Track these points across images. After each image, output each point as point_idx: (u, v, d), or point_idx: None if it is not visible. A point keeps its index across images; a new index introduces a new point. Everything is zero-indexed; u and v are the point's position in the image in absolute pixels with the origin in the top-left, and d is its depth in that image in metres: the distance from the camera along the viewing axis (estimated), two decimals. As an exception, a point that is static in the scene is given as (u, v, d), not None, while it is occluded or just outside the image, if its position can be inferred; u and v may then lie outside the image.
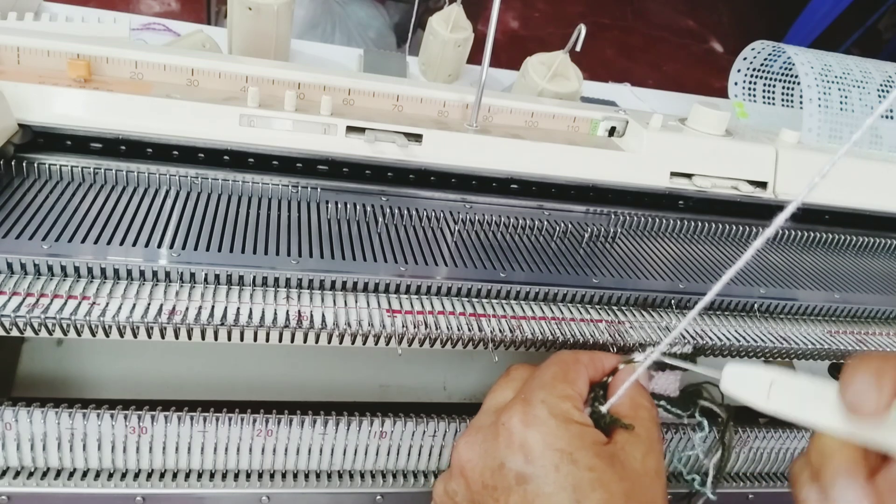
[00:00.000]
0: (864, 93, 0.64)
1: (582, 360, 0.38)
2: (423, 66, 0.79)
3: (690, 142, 0.56)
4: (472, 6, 0.76)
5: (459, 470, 0.36)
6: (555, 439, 0.33)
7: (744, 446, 0.47)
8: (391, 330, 0.38)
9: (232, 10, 0.64)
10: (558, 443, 0.33)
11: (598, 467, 0.32)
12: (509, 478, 0.33)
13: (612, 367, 0.38)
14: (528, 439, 0.33)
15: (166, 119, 0.46)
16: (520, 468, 0.33)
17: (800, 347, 0.45)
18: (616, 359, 0.39)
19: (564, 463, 0.32)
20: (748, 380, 0.32)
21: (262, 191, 0.47)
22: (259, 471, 0.40)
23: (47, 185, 0.43)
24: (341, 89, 0.52)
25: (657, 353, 0.35)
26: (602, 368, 0.38)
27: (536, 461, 0.33)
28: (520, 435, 0.34)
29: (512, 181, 0.53)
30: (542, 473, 0.32)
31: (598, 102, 0.76)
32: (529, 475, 0.33)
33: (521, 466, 0.33)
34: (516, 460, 0.33)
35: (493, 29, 0.49)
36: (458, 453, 0.36)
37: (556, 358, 0.38)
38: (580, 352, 0.39)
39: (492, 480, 0.34)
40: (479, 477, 0.35)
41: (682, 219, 0.55)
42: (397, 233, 0.46)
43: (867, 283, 0.53)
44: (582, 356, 0.38)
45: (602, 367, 0.38)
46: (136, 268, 0.37)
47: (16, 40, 0.47)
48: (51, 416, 0.36)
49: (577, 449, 0.33)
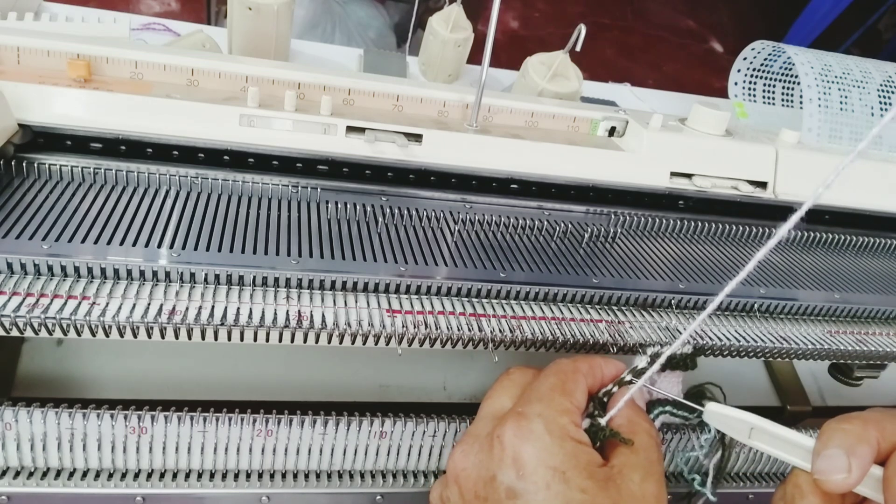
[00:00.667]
0: (864, 93, 0.64)
1: (581, 370, 0.37)
2: (423, 66, 0.79)
3: (690, 142, 0.56)
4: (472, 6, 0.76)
5: (454, 478, 0.36)
6: (548, 456, 0.32)
7: (744, 446, 0.47)
8: (391, 330, 0.38)
9: (232, 10, 0.64)
10: (552, 460, 0.32)
11: (591, 489, 0.32)
12: (500, 491, 0.33)
13: (611, 374, 0.38)
14: (521, 454, 0.33)
15: (166, 119, 0.46)
16: (511, 483, 0.33)
17: (800, 347, 0.45)
18: (615, 365, 0.38)
19: (556, 481, 0.32)
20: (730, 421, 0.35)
21: (262, 191, 0.47)
22: (259, 471, 0.40)
23: (47, 185, 0.43)
24: (341, 89, 0.52)
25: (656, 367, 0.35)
26: (601, 376, 0.38)
27: (528, 477, 0.32)
28: (513, 449, 0.33)
29: (512, 181, 0.53)
30: (532, 490, 0.32)
31: (598, 102, 0.76)
32: (520, 491, 0.32)
33: (512, 481, 0.33)
34: (508, 474, 0.33)
35: (493, 29, 0.49)
36: (453, 461, 0.36)
37: (555, 367, 0.37)
38: (579, 360, 0.38)
39: (483, 492, 0.34)
40: (472, 487, 0.34)
41: (682, 219, 0.55)
42: (397, 233, 0.46)
43: (867, 283, 0.53)
44: (581, 365, 0.37)
45: (601, 374, 0.38)
46: (136, 268, 0.37)
47: (16, 40, 0.47)
48: (51, 416, 0.36)
49: (571, 468, 0.32)
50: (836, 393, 0.67)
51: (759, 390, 0.66)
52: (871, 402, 0.69)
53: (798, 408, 0.64)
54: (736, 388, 0.65)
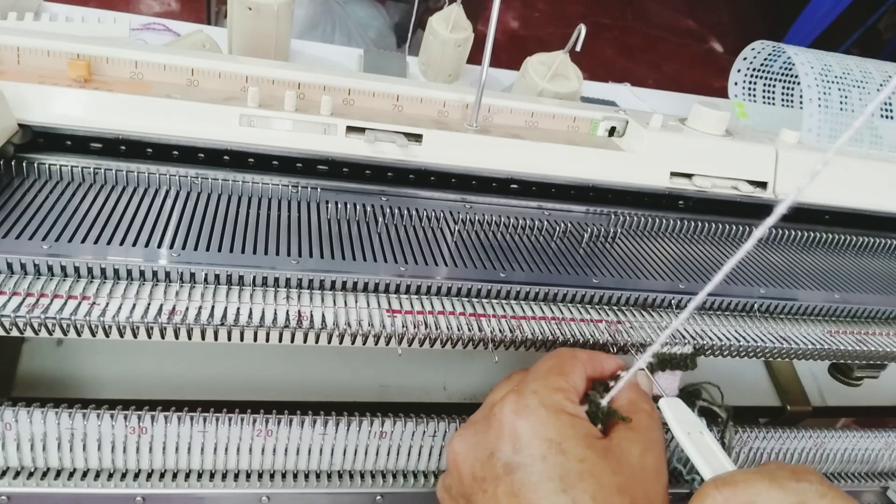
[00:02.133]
0: (864, 93, 0.64)
1: (580, 357, 0.38)
2: (423, 66, 0.79)
3: (690, 142, 0.56)
4: (472, 6, 0.76)
5: (453, 463, 0.36)
6: (543, 428, 0.33)
7: (744, 446, 0.47)
8: (391, 330, 0.38)
9: (232, 10, 0.64)
10: (547, 432, 0.33)
11: (589, 458, 0.32)
12: (497, 467, 0.33)
13: (611, 368, 0.38)
14: (517, 428, 0.33)
15: (166, 119, 0.46)
16: (508, 458, 0.33)
17: (800, 347, 0.45)
18: (615, 360, 0.39)
19: (552, 453, 0.32)
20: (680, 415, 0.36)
21: (262, 191, 0.47)
22: (259, 471, 0.40)
23: (47, 185, 0.43)
24: (341, 89, 0.52)
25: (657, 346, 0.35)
26: (601, 368, 0.38)
27: (524, 450, 0.32)
28: (510, 424, 0.33)
29: (512, 181, 0.53)
30: (528, 462, 0.32)
31: (598, 102, 0.76)
32: (517, 464, 0.32)
33: (509, 456, 0.33)
34: (505, 450, 0.33)
35: (493, 29, 0.49)
36: (452, 447, 0.36)
37: (554, 353, 0.38)
38: (579, 349, 0.39)
39: (481, 471, 0.34)
40: (469, 469, 0.35)
41: (682, 219, 0.55)
42: (397, 233, 0.46)
43: (867, 283, 0.53)
44: (580, 353, 0.38)
45: (601, 366, 0.38)
46: (136, 268, 0.37)
47: (16, 40, 0.47)
48: (51, 416, 0.36)
49: (567, 439, 0.32)
50: (836, 393, 0.67)
51: (759, 390, 0.66)
52: (871, 401, 0.69)
53: (798, 408, 0.64)
54: (736, 388, 0.65)
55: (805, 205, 0.57)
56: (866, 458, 0.52)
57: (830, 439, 0.50)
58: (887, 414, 0.70)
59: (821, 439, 0.50)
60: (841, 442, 0.51)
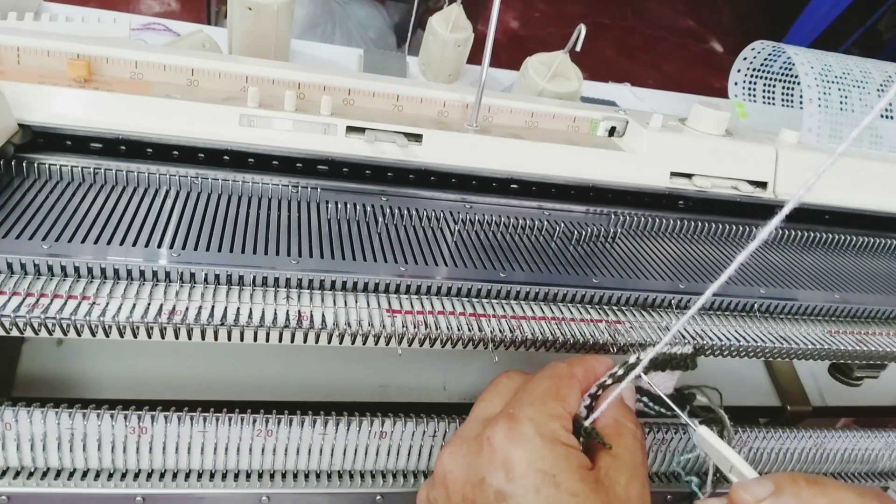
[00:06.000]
0: (864, 93, 0.64)
1: (576, 375, 0.37)
2: (423, 66, 0.79)
3: (690, 142, 0.56)
4: (472, 6, 0.76)
5: (442, 479, 0.35)
6: (538, 459, 0.32)
7: (744, 446, 0.47)
8: (391, 330, 0.38)
9: (232, 10, 0.64)
10: (541, 463, 0.32)
11: (582, 492, 0.32)
12: (489, 494, 0.33)
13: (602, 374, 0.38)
14: (511, 456, 0.33)
15: (166, 119, 0.46)
16: (500, 485, 0.32)
17: (800, 347, 0.45)
18: (606, 364, 0.38)
19: (546, 485, 0.32)
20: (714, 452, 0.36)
21: (262, 191, 0.47)
22: (259, 471, 0.40)
23: (47, 185, 0.43)
24: (341, 89, 0.52)
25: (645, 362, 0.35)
26: (595, 379, 0.38)
27: (517, 480, 0.32)
28: (503, 451, 0.33)
29: (512, 181, 0.53)
30: (521, 493, 0.32)
31: (598, 102, 0.76)
32: (509, 494, 0.32)
33: (501, 484, 0.32)
34: (498, 477, 0.33)
35: (493, 29, 0.49)
36: (441, 462, 0.36)
37: (551, 371, 0.37)
38: (575, 364, 0.38)
39: (472, 494, 0.33)
40: (459, 489, 0.34)
41: (682, 219, 0.55)
42: (397, 233, 0.46)
43: (867, 283, 0.53)
44: (577, 369, 0.37)
45: (594, 377, 0.38)
46: (136, 268, 0.37)
47: (16, 40, 0.47)
48: (51, 416, 0.36)
49: (561, 471, 0.32)
50: (836, 393, 0.67)
51: (759, 390, 0.66)
52: (871, 401, 0.69)
53: (798, 408, 0.64)
54: (736, 388, 0.65)
55: (805, 205, 0.57)
56: (866, 458, 0.52)
57: (830, 439, 0.50)
58: (887, 414, 0.70)
59: (821, 439, 0.50)
60: (841, 442, 0.51)
